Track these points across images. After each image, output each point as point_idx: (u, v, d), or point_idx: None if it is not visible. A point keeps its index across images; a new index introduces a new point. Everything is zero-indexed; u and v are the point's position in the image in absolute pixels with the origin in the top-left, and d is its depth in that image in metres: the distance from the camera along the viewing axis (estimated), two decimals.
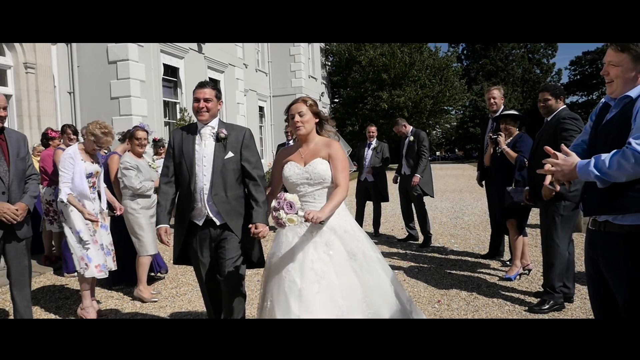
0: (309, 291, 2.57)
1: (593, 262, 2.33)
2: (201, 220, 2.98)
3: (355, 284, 2.68)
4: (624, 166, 1.95)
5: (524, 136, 4.65)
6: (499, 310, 3.89)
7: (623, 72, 2.19)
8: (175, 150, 3.02)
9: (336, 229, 2.76)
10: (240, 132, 3.06)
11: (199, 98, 2.95)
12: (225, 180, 2.94)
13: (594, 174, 2.03)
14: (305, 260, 2.67)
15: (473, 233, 7.31)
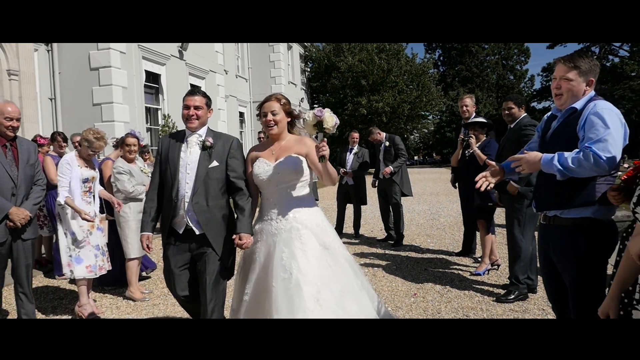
0: (280, 287, 2.59)
1: (545, 253, 2.68)
2: (181, 229, 2.91)
3: (330, 277, 2.69)
4: (584, 165, 2.28)
5: (492, 141, 5.05)
6: (469, 301, 4.24)
7: (573, 86, 2.54)
8: (162, 156, 2.98)
9: (308, 224, 2.77)
10: (228, 141, 2.98)
11: (189, 105, 2.90)
12: (208, 189, 2.87)
13: (557, 167, 2.36)
14: (275, 257, 2.68)
15: (448, 233, 7.69)
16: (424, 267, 5.53)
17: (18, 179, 3.34)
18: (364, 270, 5.38)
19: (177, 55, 14.11)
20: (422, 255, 6.24)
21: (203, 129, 2.98)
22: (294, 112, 2.95)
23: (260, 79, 23.33)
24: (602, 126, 2.32)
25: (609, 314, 1.79)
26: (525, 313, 3.89)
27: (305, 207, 2.85)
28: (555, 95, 2.62)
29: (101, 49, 11.38)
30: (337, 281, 2.70)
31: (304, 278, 2.60)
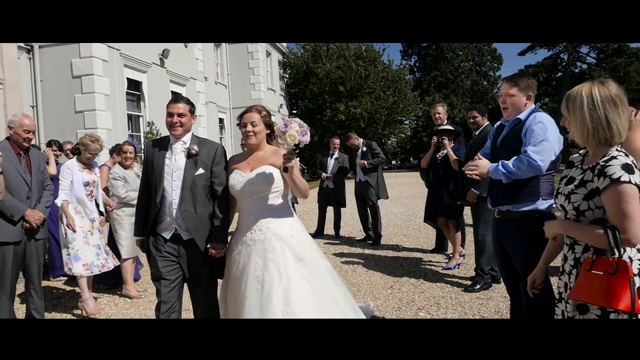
0: (253, 298, 2.62)
1: (500, 243, 3.13)
2: (169, 234, 2.93)
3: (305, 288, 2.68)
4: (521, 167, 2.83)
5: (461, 147, 5.52)
6: (440, 291, 4.68)
7: (515, 100, 3.05)
8: (148, 163, 3.00)
9: (281, 235, 2.78)
10: (212, 148, 3.00)
11: (172, 113, 2.90)
12: (195, 196, 2.88)
13: (502, 172, 2.91)
14: (249, 268, 2.71)
15: (423, 233, 8.16)
16: (400, 263, 5.97)
17: (32, 184, 3.66)
18: (345, 267, 5.81)
19: (158, 63, 14.32)
20: (399, 253, 6.68)
21: (187, 136, 2.98)
22: (274, 124, 2.94)
23: (240, 85, 23.60)
24: (538, 135, 2.85)
25: (536, 280, 2.22)
26: (490, 300, 4.34)
27: (280, 217, 2.85)
28: (503, 109, 3.11)
29: (83, 57, 11.56)
30: (314, 293, 2.69)
31: (275, 290, 2.61)
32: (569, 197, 1.89)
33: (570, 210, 1.89)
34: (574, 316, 1.85)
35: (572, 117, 1.86)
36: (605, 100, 1.81)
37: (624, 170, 1.73)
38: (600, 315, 1.77)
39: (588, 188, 1.83)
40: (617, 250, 1.70)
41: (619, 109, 1.82)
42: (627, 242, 1.71)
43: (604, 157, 1.81)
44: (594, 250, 1.82)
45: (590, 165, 1.86)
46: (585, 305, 1.80)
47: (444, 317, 3.98)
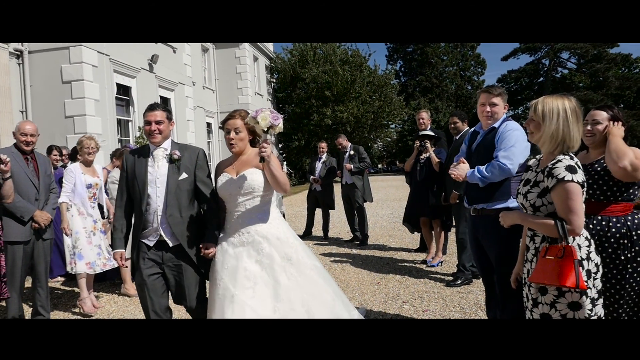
0: (243, 297, 2.65)
1: (475, 238, 3.44)
2: (153, 241, 2.94)
3: (292, 289, 2.74)
4: (494, 172, 3.17)
5: (442, 150, 5.84)
6: (424, 286, 4.97)
7: (499, 109, 3.38)
8: (128, 172, 3.00)
9: (269, 237, 2.83)
10: (194, 152, 3.03)
11: (150, 121, 2.92)
12: (180, 201, 2.91)
13: (478, 177, 3.24)
14: (239, 268, 2.74)
15: (408, 233, 8.41)
16: (386, 262, 6.26)
17: (39, 187, 3.88)
18: (334, 266, 6.07)
19: (147, 68, 14.46)
20: (385, 252, 6.97)
21: (167, 142, 3.01)
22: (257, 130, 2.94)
23: (227, 90, 23.78)
24: (508, 141, 3.20)
25: (519, 274, 2.49)
26: (469, 294, 4.65)
27: (267, 220, 2.90)
28: (488, 118, 3.42)
29: (73, 62, 11.67)
30: (302, 292, 2.75)
31: (264, 290, 2.69)
32: (526, 196, 2.20)
33: (528, 207, 2.20)
34: (536, 298, 2.15)
35: (546, 126, 2.13)
36: (572, 114, 2.12)
37: (568, 171, 2.04)
38: (556, 295, 2.07)
39: (540, 187, 2.15)
40: (565, 238, 2.00)
41: (580, 122, 2.15)
42: (572, 232, 2.03)
43: (552, 161, 2.11)
44: (548, 239, 2.13)
45: (542, 168, 2.17)
46: (545, 287, 2.10)
47: (427, 309, 4.26)
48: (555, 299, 2.07)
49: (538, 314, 2.15)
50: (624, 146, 2.48)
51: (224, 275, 2.78)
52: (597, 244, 2.49)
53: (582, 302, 2.04)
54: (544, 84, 44.53)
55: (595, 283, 2.08)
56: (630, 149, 2.48)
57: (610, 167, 2.47)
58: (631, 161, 2.41)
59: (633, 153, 2.45)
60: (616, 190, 2.52)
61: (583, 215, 2.05)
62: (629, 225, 2.51)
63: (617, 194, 2.53)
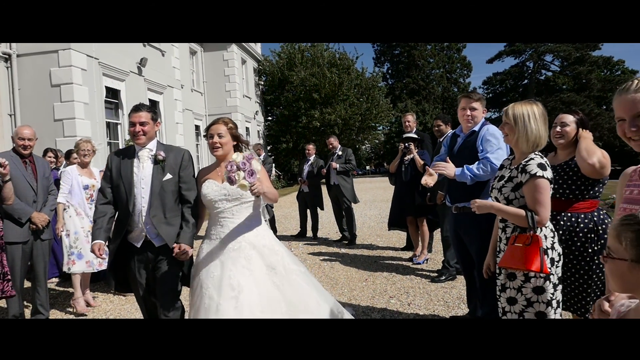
0: (227, 306, 2.63)
1: (457, 235, 3.65)
2: (139, 242, 2.95)
3: (277, 297, 2.74)
4: (485, 171, 3.39)
5: (425, 152, 6.07)
6: (410, 282, 5.18)
7: (479, 113, 3.61)
8: (113, 173, 3.00)
9: (255, 244, 2.83)
10: (179, 153, 3.05)
11: (134, 122, 2.94)
12: (164, 202, 2.92)
13: (468, 175, 3.43)
14: (224, 276, 2.72)
15: (395, 233, 8.64)
16: (374, 260, 6.46)
17: (37, 189, 4.00)
18: (324, 265, 6.26)
19: (135, 72, 14.53)
20: (373, 251, 7.18)
21: (152, 143, 3.03)
22: (241, 136, 3.05)
23: (216, 92, 23.86)
24: (494, 144, 3.40)
25: (490, 266, 2.71)
26: (453, 289, 4.87)
27: (253, 227, 2.91)
28: (468, 122, 3.64)
29: (62, 65, 11.72)
30: (285, 301, 2.76)
31: (248, 298, 2.66)
32: (500, 190, 2.44)
33: (502, 200, 2.43)
34: (504, 283, 2.37)
35: (520, 129, 2.38)
36: (540, 117, 2.39)
37: (539, 168, 2.30)
38: (523, 281, 2.30)
39: (514, 182, 2.40)
40: (534, 227, 2.23)
41: (546, 124, 2.42)
42: (540, 222, 2.27)
43: (525, 159, 2.38)
44: (518, 229, 2.36)
45: (516, 165, 2.42)
46: (513, 273, 2.33)
47: (413, 304, 4.46)
48: (522, 284, 2.31)
49: (505, 298, 2.38)
50: (593, 146, 2.74)
51: (209, 283, 2.76)
52: (567, 238, 2.73)
53: (545, 287, 2.28)
54: (529, 86, 45.29)
55: (557, 270, 2.32)
56: (598, 149, 2.74)
57: (580, 164, 2.71)
58: (599, 159, 2.66)
59: (601, 153, 2.71)
60: (583, 188, 2.76)
61: (549, 208, 2.30)
62: (596, 220, 2.74)
63: (584, 192, 2.76)
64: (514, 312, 2.36)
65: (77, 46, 11.77)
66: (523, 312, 2.34)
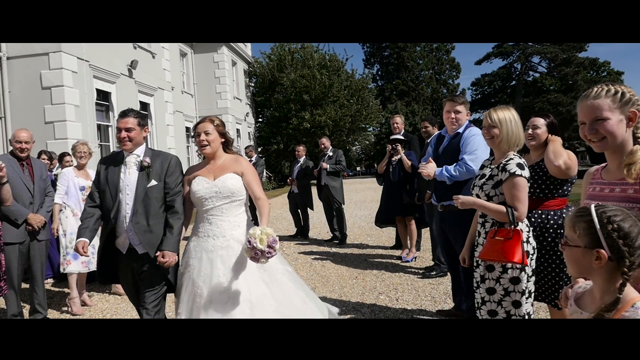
0: (217, 304, 2.66)
1: (442, 231, 3.82)
2: (125, 249, 2.95)
3: (267, 294, 2.78)
4: (460, 172, 3.57)
5: (411, 153, 6.24)
6: (399, 279, 5.34)
7: (463, 116, 3.79)
8: (101, 177, 3.00)
9: (243, 242, 2.80)
10: (166, 159, 3.01)
11: (120, 128, 2.93)
12: (148, 209, 2.88)
13: (446, 176, 3.62)
14: (213, 275, 2.74)
15: (385, 232, 8.85)
16: (364, 258, 6.62)
17: (34, 191, 4.10)
18: (315, 263, 6.39)
19: (126, 74, 14.57)
20: (363, 250, 7.34)
21: (140, 149, 3.00)
22: (228, 134, 3.04)
23: (206, 94, 23.91)
24: (472, 146, 3.59)
25: (466, 259, 2.88)
26: (440, 285, 5.03)
27: (241, 225, 2.92)
28: (452, 124, 3.82)
29: (53, 68, 11.74)
30: (274, 298, 2.80)
31: (239, 294, 2.69)
32: (482, 187, 2.61)
33: (483, 197, 2.61)
34: (483, 274, 2.54)
35: (503, 131, 2.57)
36: (518, 120, 2.62)
37: (518, 167, 2.50)
38: (501, 272, 2.47)
39: (495, 180, 2.57)
40: (514, 222, 2.40)
41: (522, 126, 2.65)
42: (518, 218, 2.44)
43: (505, 159, 2.57)
44: (497, 224, 2.54)
45: (497, 164, 2.60)
46: (492, 265, 2.50)
47: (401, 299, 4.62)
48: (500, 275, 2.50)
49: (485, 288, 2.55)
50: (560, 149, 2.94)
51: (199, 282, 2.78)
52: (539, 234, 2.92)
53: (521, 277, 2.47)
54: (516, 87, 45.87)
55: (532, 263, 2.51)
56: (565, 152, 2.93)
57: (547, 166, 2.90)
58: (565, 161, 2.86)
59: (567, 155, 2.91)
60: (552, 187, 2.95)
61: (527, 204, 2.48)
62: (565, 217, 2.93)
63: (553, 191, 2.95)
64: (493, 301, 2.54)
65: (67, 49, 11.80)
66: (501, 301, 2.51)
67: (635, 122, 1.66)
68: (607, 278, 1.34)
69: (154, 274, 2.91)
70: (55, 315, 4.66)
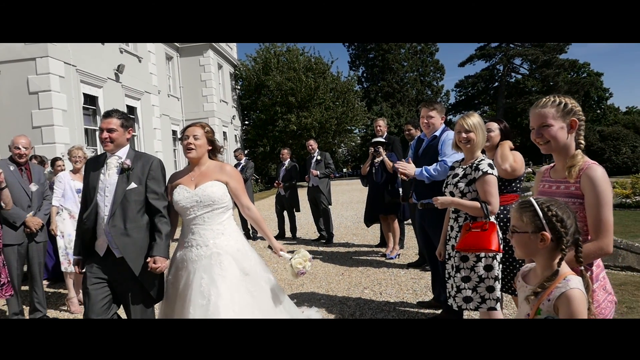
0: (200, 314, 2.58)
1: (422, 227, 4.10)
2: (102, 251, 2.87)
3: (251, 304, 2.72)
4: (440, 172, 3.83)
5: (393, 155, 6.53)
6: (383, 275, 5.61)
7: (436, 121, 4.07)
8: (87, 179, 2.98)
9: (228, 250, 2.79)
10: (147, 162, 2.93)
11: (103, 128, 2.88)
12: (126, 212, 2.81)
13: (425, 176, 3.87)
14: (194, 284, 2.68)
15: (370, 231, 9.13)
16: (350, 256, 6.88)
17: (32, 194, 4.27)
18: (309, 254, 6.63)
19: (113, 78, 14.66)
20: (349, 248, 7.60)
21: (123, 151, 2.94)
22: (216, 142, 3.02)
23: (192, 97, 24.00)
24: (450, 149, 3.85)
25: (441, 253, 3.16)
26: (421, 279, 5.31)
27: (225, 232, 2.87)
28: (426, 128, 4.11)
29: (40, 73, 11.82)
30: (258, 307, 2.75)
31: (223, 303, 2.60)
32: (456, 185, 2.92)
33: (457, 193, 2.90)
34: (458, 265, 2.83)
35: (478, 136, 2.90)
36: (484, 125, 2.98)
37: (489, 167, 2.82)
38: (475, 261, 2.76)
39: (468, 178, 2.88)
40: (488, 216, 2.69)
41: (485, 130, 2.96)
42: (492, 211, 2.72)
43: (476, 160, 2.89)
44: (470, 218, 2.84)
45: (468, 164, 2.92)
46: (466, 255, 2.79)
47: (384, 293, 4.89)
48: (475, 264, 2.79)
49: (460, 277, 2.83)
50: (507, 153, 3.35)
51: (184, 293, 2.74)
52: None
53: (493, 265, 2.77)
54: (499, 88, 46.66)
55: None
56: (512, 155, 3.33)
57: (496, 168, 3.23)
58: (510, 164, 3.29)
59: (513, 158, 3.32)
60: (501, 185, 3.29)
61: (498, 199, 2.79)
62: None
63: (502, 189, 3.29)
64: (468, 288, 2.83)
65: (54, 53, 11.89)
66: (476, 287, 2.81)
67: (576, 130, 1.94)
68: (548, 257, 1.64)
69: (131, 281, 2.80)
70: (54, 314, 4.83)
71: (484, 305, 2.80)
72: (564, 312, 1.53)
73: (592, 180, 1.84)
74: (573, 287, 1.54)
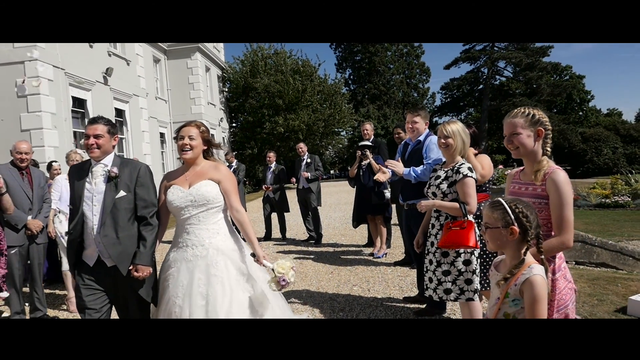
0: (196, 315, 2.58)
1: (408, 227, 4.34)
2: (92, 261, 2.80)
3: (246, 304, 2.72)
4: (426, 173, 4.07)
5: (379, 157, 6.77)
6: (370, 272, 5.85)
7: (420, 126, 4.32)
8: (72, 188, 2.89)
9: (224, 250, 2.77)
10: (135, 168, 2.86)
11: (88, 135, 2.80)
12: (116, 221, 2.75)
13: (412, 176, 4.12)
14: (193, 285, 2.66)
15: (358, 232, 9.36)
16: (339, 256, 7.12)
17: (33, 198, 4.43)
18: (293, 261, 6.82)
19: (101, 81, 14.72)
20: (338, 248, 7.84)
21: (108, 158, 2.86)
22: (213, 141, 2.98)
23: (180, 100, 24.03)
24: (435, 151, 4.10)
25: (419, 241, 3.41)
26: (407, 277, 5.56)
27: (221, 232, 2.85)
28: (410, 132, 4.36)
29: (29, 76, 11.85)
30: (254, 307, 2.76)
31: (220, 304, 2.61)
32: (438, 186, 3.18)
33: (439, 194, 3.15)
34: (439, 260, 3.08)
35: (456, 142, 3.16)
36: (466, 132, 3.23)
37: (468, 170, 3.09)
38: (455, 257, 3.01)
39: (449, 180, 3.14)
40: (466, 215, 2.94)
41: (468, 136, 3.23)
42: (469, 211, 2.98)
43: (457, 164, 3.15)
44: (450, 217, 3.09)
45: (450, 167, 3.18)
46: (447, 252, 3.04)
47: (372, 289, 5.12)
48: (454, 259, 3.05)
49: (441, 271, 3.08)
50: (473, 161, 3.59)
51: (178, 292, 2.72)
52: None
53: (471, 260, 3.03)
54: (484, 91, 47.34)
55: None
56: (478, 162, 3.63)
57: None
58: (480, 173, 3.57)
59: (481, 165, 3.62)
60: None
61: (476, 200, 3.03)
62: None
63: None
64: (448, 281, 3.09)
65: (43, 57, 11.94)
66: (456, 280, 3.06)
67: (542, 138, 2.19)
68: (515, 248, 1.89)
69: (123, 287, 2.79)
70: (53, 314, 4.96)
71: (463, 296, 3.06)
72: (527, 294, 1.78)
73: (555, 183, 2.09)
74: (536, 274, 1.80)
